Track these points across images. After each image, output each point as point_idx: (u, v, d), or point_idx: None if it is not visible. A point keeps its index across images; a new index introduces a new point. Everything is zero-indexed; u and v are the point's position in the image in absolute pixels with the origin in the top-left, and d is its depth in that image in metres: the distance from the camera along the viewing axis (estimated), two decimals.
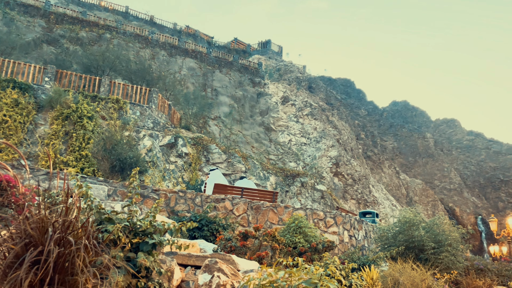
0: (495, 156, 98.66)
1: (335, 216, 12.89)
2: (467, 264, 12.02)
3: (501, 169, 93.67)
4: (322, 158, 38.54)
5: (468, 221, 72.10)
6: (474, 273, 11.31)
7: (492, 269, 12.36)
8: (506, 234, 23.47)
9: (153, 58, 37.59)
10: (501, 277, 12.17)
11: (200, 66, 39.40)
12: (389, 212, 40.23)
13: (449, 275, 10.45)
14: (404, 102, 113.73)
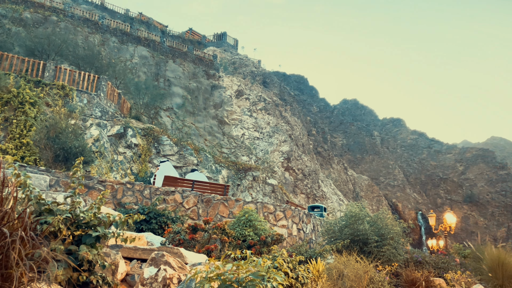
0: (436, 155, 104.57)
1: (285, 210, 13.08)
2: (407, 256, 12.64)
3: (441, 167, 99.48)
4: (274, 152, 38.99)
5: (409, 216, 76.05)
6: (413, 265, 11.92)
7: (430, 261, 13.08)
8: (443, 228, 24.98)
9: (103, 45, 36.13)
10: (438, 269, 12.91)
11: (153, 55, 38.39)
12: (337, 207, 41.52)
13: (390, 267, 10.95)
14: (354, 100, 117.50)
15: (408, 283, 10.54)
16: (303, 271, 7.29)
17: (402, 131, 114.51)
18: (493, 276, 12.29)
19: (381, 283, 8.86)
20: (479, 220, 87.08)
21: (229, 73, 44.08)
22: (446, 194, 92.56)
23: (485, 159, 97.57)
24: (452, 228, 24.95)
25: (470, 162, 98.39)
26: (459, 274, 12.10)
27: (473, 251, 15.39)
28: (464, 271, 13.09)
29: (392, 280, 10.63)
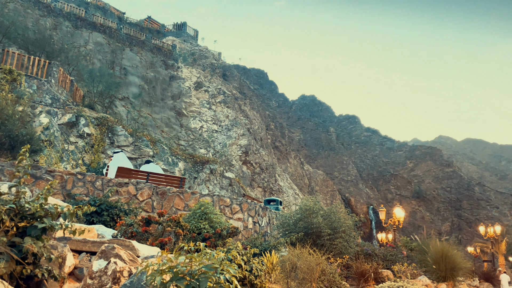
0: (388, 152, 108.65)
1: (241, 203, 13.11)
2: (358, 249, 13.08)
3: (392, 164, 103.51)
4: (233, 146, 38.95)
5: (361, 210, 78.67)
6: (363, 257, 12.35)
7: (379, 254, 13.61)
8: (392, 222, 26.06)
9: (55, 29, 34.43)
10: (386, 261, 13.47)
11: (109, 42, 37.05)
12: (292, 200, 42.19)
13: (342, 259, 11.27)
14: (312, 96, 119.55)
15: (358, 275, 10.92)
16: (257, 264, 7.34)
17: (357, 128, 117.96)
18: (437, 268, 12.99)
19: (332, 275, 9.11)
20: (426, 215, 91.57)
21: (188, 64, 43.41)
22: (396, 190, 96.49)
23: (433, 157, 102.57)
24: (401, 222, 26.07)
25: (419, 159, 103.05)
26: (406, 266, 12.68)
27: (419, 244, 16.17)
28: (410, 263, 13.74)
29: (343, 272, 10.96)
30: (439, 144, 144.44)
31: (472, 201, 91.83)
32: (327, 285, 8.79)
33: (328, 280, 8.90)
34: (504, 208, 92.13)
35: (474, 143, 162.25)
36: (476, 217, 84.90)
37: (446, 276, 12.65)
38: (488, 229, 38.41)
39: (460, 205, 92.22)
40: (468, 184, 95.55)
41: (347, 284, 9.89)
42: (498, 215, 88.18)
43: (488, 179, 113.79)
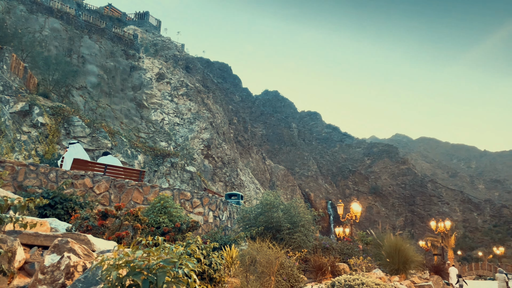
0: (347, 149, 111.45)
1: (202, 197, 13.02)
2: (316, 243, 13.33)
3: (351, 160, 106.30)
4: (195, 139, 38.57)
5: (320, 205, 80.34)
6: (321, 251, 12.60)
7: (336, 248, 13.94)
8: (350, 217, 26.78)
9: (9, 12, 32.62)
10: (343, 255, 13.82)
11: (66, 29, 35.54)
12: (253, 195, 42.41)
13: (300, 253, 11.46)
14: (275, 92, 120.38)
15: (316, 268, 11.14)
16: (216, 258, 7.32)
17: (318, 124, 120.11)
18: (390, 261, 13.49)
19: (291, 268, 9.24)
20: (381, 210, 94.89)
21: (150, 55, 42.45)
22: (354, 185, 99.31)
23: (390, 154, 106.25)
24: (358, 217, 26.84)
25: (377, 156, 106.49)
26: (361, 260, 13.06)
27: (374, 238, 16.73)
28: (366, 256, 14.16)
29: (301, 265, 11.15)
30: (395, 142, 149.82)
31: (425, 197, 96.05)
32: (286, 278, 8.91)
33: (287, 273, 9.02)
34: (454, 204, 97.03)
35: (428, 142, 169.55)
36: (428, 213, 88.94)
37: (399, 269, 13.16)
38: (439, 224, 40.31)
39: (414, 201, 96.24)
40: (422, 181, 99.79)
41: (304, 277, 10.06)
42: (448, 210, 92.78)
43: (440, 177, 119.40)
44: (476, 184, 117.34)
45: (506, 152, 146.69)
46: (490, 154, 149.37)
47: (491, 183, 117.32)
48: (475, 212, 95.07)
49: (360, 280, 4.49)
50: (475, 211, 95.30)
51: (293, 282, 9.22)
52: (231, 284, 8.46)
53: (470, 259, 72.62)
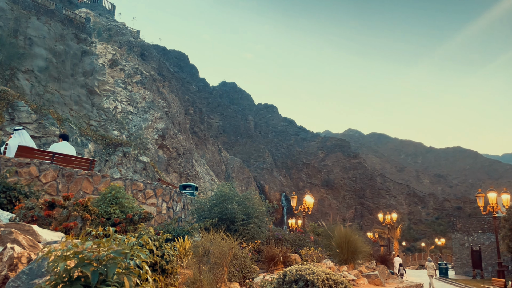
0: (302, 142, 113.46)
1: (155, 188, 12.79)
2: (269, 234, 13.52)
3: (305, 153, 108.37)
4: (149, 129, 37.71)
5: (274, 197, 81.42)
6: (273, 242, 12.80)
7: (288, 239, 14.21)
8: (302, 209, 27.39)
9: None
10: (295, 246, 14.11)
11: (12, 8, 33.36)
12: (208, 186, 42.21)
13: (254, 244, 11.58)
14: (232, 83, 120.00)
15: (268, 259, 11.31)
16: (169, 249, 7.24)
17: (274, 117, 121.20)
18: (340, 251, 13.95)
19: (244, 259, 9.33)
20: (333, 202, 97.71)
21: (103, 40, 40.83)
22: (307, 178, 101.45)
23: (342, 148, 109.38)
24: (310, 209, 27.52)
25: (330, 150, 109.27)
26: (312, 250, 13.41)
27: (325, 229, 17.22)
28: (316, 247, 14.55)
29: (254, 256, 11.28)
30: (348, 136, 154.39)
31: (374, 190, 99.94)
32: (239, 269, 8.99)
33: (240, 264, 9.10)
34: (401, 198, 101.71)
35: (378, 137, 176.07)
36: (377, 205, 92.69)
37: (348, 259, 13.65)
38: (386, 216, 42.19)
39: (363, 194, 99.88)
40: (371, 175, 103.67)
41: (257, 268, 10.19)
42: (395, 203, 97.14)
43: (389, 171, 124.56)
44: (421, 179, 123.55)
45: (449, 148, 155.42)
46: (435, 151, 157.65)
47: (435, 178, 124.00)
48: (420, 205, 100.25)
49: (311, 270, 4.61)
50: (419, 204, 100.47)
51: (246, 272, 9.32)
52: (184, 275, 8.42)
53: (413, 250, 76.62)
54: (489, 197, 24.90)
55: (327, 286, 4.49)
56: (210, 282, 7.49)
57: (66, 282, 3.03)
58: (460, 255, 37.60)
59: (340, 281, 4.61)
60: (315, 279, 4.46)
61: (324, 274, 4.58)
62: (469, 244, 36.73)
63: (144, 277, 3.69)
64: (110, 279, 3.10)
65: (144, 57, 49.46)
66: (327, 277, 4.58)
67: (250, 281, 8.90)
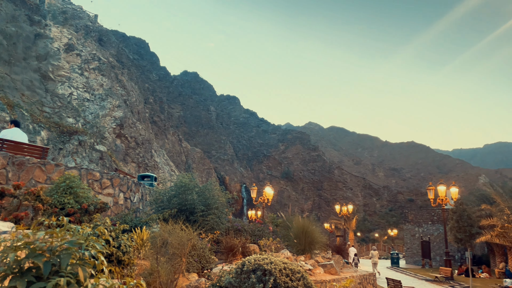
0: (263, 134, 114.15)
1: (113, 177, 12.46)
2: (229, 225, 13.57)
3: (266, 145, 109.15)
4: (106, 117, 36.58)
5: (234, 188, 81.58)
6: (233, 233, 12.86)
7: (248, 229, 14.33)
8: (262, 200, 27.67)
9: None
10: (254, 236, 14.25)
11: None
12: (168, 177, 41.63)
13: (213, 235, 11.59)
14: (194, 73, 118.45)
15: (227, 249, 11.36)
16: (126, 240, 7.11)
17: (236, 109, 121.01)
18: (297, 242, 14.23)
19: (203, 250, 9.33)
20: (292, 194, 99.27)
21: (58, 23, 39.01)
22: (267, 170, 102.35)
23: (302, 141, 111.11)
24: (270, 200, 27.83)
25: (290, 143, 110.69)
26: (271, 241, 13.60)
27: (284, 220, 17.48)
28: (275, 238, 14.77)
29: (213, 247, 11.29)
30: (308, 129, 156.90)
31: (332, 182, 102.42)
32: (197, 260, 8.98)
33: (199, 254, 9.09)
34: (357, 190, 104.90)
35: (337, 131, 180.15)
36: (334, 197, 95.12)
37: (305, 250, 13.96)
38: (343, 208, 43.42)
39: (322, 186, 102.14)
40: (330, 168, 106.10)
41: (216, 258, 10.22)
42: (351, 195, 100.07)
43: (346, 164, 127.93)
44: (377, 172, 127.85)
45: (404, 143, 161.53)
46: (390, 145, 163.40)
47: (389, 171, 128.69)
48: (375, 197, 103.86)
49: (269, 260, 4.69)
50: (374, 197, 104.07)
51: (205, 263, 9.32)
52: (141, 266, 8.31)
53: (368, 240, 79.44)
54: (439, 190, 26.23)
55: (284, 275, 4.57)
56: (168, 273, 7.43)
57: (16, 274, 2.91)
58: (411, 245, 39.38)
59: (297, 270, 4.72)
60: (273, 269, 4.54)
61: (282, 264, 4.67)
62: (420, 235, 38.54)
63: (100, 268, 3.61)
64: (64, 270, 3.01)
65: (102, 43, 47.79)
66: (285, 266, 4.67)
67: (208, 271, 8.92)
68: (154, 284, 7.50)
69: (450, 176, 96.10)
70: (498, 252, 29.94)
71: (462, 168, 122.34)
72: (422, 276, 26.59)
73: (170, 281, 7.70)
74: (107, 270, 3.91)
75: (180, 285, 8.02)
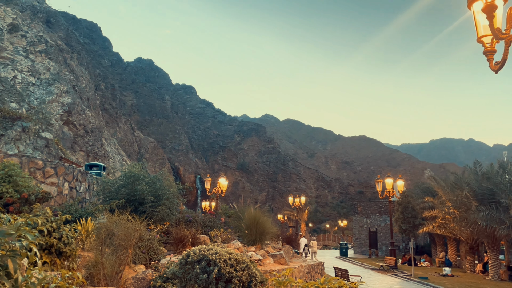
0: (219, 125, 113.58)
1: (57, 166, 11.91)
2: (180, 216, 13.41)
3: (222, 136, 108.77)
4: (53, 103, 34.85)
5: (189, 179, 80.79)
6: (183, 224, 12.73)
7: (199, 220, 14.24)
8: (216, 191, 27.58)
9: None
10: (205, 227, 14.19)
11: None
12: (119, 167, 40.45)
13: (162, 226, 11.40)
14: (149, 60, 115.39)
15: (177, 240, 11.22)
16: (68, 231, 6.83)
17: (192, 98, 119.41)
18: (249, 233, 14.32)
19: (151, 241, 9.15)
20: (247, 185, 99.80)
21: (1, 2, 36.53)
22: (223, 161, 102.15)
23: (258, 133, 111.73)
24: (224, 191, 27.79)
25: (246, 134, 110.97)
26: (222, 231, 13.60)
27: (236, 211, 17.54)
28: (226, 228, 14.78)
29: (162, 238, 11.12)
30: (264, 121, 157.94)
31: (286, 174, 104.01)
32: (144, 251, 8.81)
33: (146, 246, 8.92)
34: (310, 182, 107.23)
35: (292, 124, 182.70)
36: (288, 189, 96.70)
37: (256, 240, 14.08)
38: (296, 199, 44.26)
39: (276, 177, 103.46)
40: (284, 160, 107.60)
41: (165, 250, 10.07)
42: (304, 187, 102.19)
43: (300, 156, 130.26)
44: (329, 165, 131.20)
45: (356, 137, 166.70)
46: (343, 138, 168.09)
47: (341, 164, 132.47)
48: (327, 189, 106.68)
49: (214, 250, 4.67)
50: (326, 188, 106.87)
51: (153, 254, 9.15)
52: (85, 258, 8.01)
53: (319, 231, 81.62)
54: (386, 183, 27.33)
55: (229, 265, 4.57)
56: (113, 264, 7.22)
57: None
58: (359, 236, 40.88)
59: (241, 261, 4.73)
60: (218, 259, 4.53)
61: (227, 254, 4.67)
62: (368, 226, 40.09)
63: (33, 259, 3.45)
64: None
65: (50, 25, 45.37)
66: (230, 256, 4.67)
67: (156, 263, 8.78)
68: (98, 276, 7.27)
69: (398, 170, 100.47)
70: (439, 242, 31.75)
71: (410, 162, 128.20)
72: (368, 265, 27.69)
73: (115, 272, 7.49)
74: (41, 262, 3.73)
75: (125, 276, 7.83)
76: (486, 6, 4.53)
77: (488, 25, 4.59)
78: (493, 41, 4.85)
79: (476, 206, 20.69)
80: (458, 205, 22.50)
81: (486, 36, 4.87)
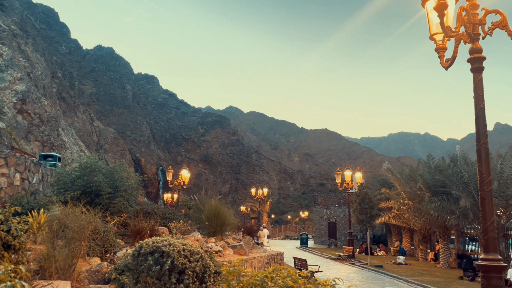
0: (182, 116, 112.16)
1: (7, 156, 11.41)
2: (138, 208, 13.21)
3: (185, 128, 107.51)
4: (6, 90, 33.21)
5: (150, 170, 79.50)
6: (142, 216, 12.55)
7: (158, 212, 14.09)
8: (178, 183, 27.33)
9: None
10: (164, 219, 14.05)
11: None
12: (76, 158, 39.16)
13: (120, 218, 11.20)
14: (110, 49, 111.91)
15: (135, 232, 11.06)
16: (17, 223, 6.57)
17: (154, 88, 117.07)
18: (209, 224, 14.31)
19: (106, 233, 8.97)
20: (210, 177, 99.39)
21: None
22: (186, 153, 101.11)
23: (222, 125, 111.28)
24: (186, 183, 27.60)
25: (210, 126, 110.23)
26: (182, 223, 13.53)
27: (197, 203, 17.46)
28: (186, 220, 14.72)
29: (119, 230, 10.92)
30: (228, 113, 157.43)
31: (249, 166, 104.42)
32: (100, 243, 8.64)
33: (101, 238, 8.74)
34: (273, 174, 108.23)
35: (257, 116, 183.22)
36: (251, 180, 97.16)
37: (216, 232, 14.11)
38: (258, 191, 44.61)
39: (239, 169, 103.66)
40: (248, 152, 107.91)
41: (122, 242, 9.92)
42: (267, 179, 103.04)
43: (264, 148, 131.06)
44: (292, 157, 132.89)
45: (318, 130, 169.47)
46: (306, 131, 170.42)
47: (304, 157, 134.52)
48: (289, 181, 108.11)
49: (167, 241, 4.65)
50: (289, 180, 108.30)
51: (108, 246, 8.98)
52: (36, 251, 7.76)
53: (281, 222, 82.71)
54: (345, 175, 28.07)
55: (182, 256, 4.58)
56: (65, 257, 7.04)
57: None
58: (319, 226, 41.81)
59: (196, 252, 4.74)
60: (171, 250, 4.52)
61: (181, 245, 4.66)
62: (327, 217, 41.04)
63: None
64: None
65: (3, 8, 43.03)
66: (184, 248, 4.67)
67: (111, 255, 8.62)
68: (49, 269, 7.07)
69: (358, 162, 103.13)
70: (394, 232, 33.03)
71: (369, 155, 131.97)
72: (327, 255, 28.43)
73: (67, 265, 7.30)
74: None
75: (79, 269, 7.65)
76: (438, 5, 4.71)
77: (439, 23, 4.78)
78: (444, 39, 5.06)
79: (429, 197, 21.66)
80: (412, 197, 23.46)
81: (438, 33, 5.08)
